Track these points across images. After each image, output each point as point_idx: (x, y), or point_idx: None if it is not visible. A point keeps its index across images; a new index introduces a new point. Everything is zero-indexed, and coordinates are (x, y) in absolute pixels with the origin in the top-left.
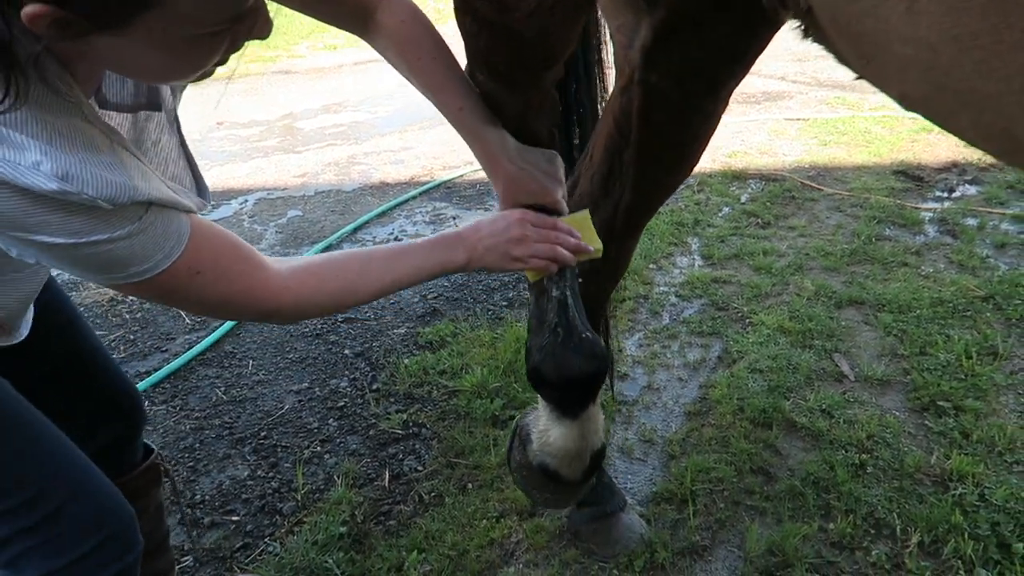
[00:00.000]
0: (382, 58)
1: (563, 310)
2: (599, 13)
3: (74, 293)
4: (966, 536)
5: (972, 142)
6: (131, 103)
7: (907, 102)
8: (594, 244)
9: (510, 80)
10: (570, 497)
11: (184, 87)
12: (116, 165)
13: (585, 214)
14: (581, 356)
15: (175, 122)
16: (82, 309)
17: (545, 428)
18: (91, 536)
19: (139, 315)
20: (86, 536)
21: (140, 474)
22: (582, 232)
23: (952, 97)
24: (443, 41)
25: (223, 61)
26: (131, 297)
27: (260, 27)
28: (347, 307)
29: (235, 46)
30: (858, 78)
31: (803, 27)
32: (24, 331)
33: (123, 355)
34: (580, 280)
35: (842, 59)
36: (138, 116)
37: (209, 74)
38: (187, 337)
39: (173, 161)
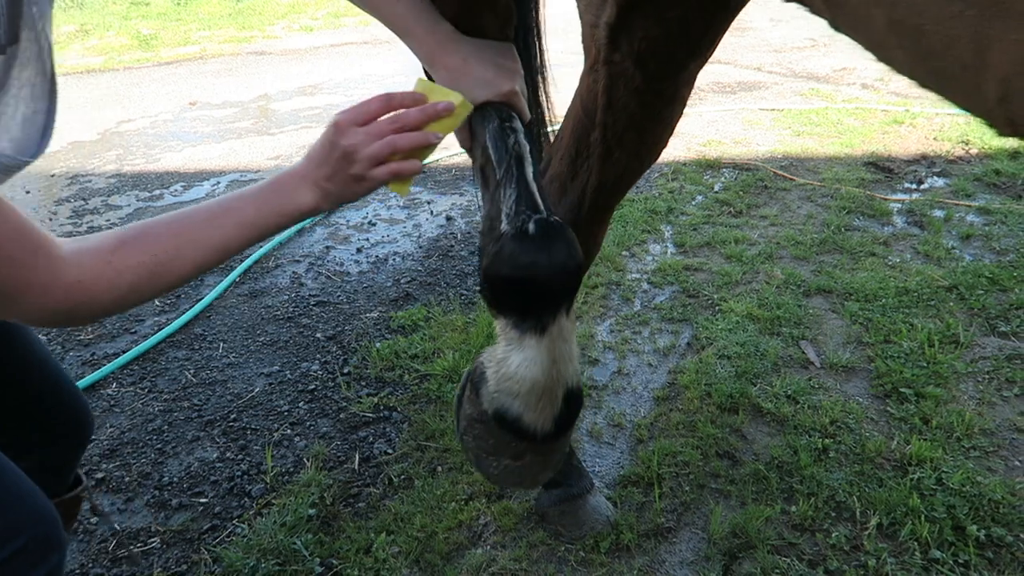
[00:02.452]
0: (358, 41)
1: (524, 195)
2: None
3: None
4: (923, 519)
5: (891, 53)
6: None
7: (831, 6)
8: (451, 98)
9: None
10: (536, 465)
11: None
12: None
13: (422, 79)
14: (548, 241)
15: (46, 45)
16: None
17: (504, 356)
18: (10, 542)
19: None
20: (4, 543)
21: (60, 504)
22: (430, 94)
23: None
24: None
25: None
26: None
27: None
28: (162, 291)
29: None
30: (788, 1)
31: None
32: None
33: (91, 336)
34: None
35: None
36: None
37: None
38: (156, 319)
39: (24, 100)
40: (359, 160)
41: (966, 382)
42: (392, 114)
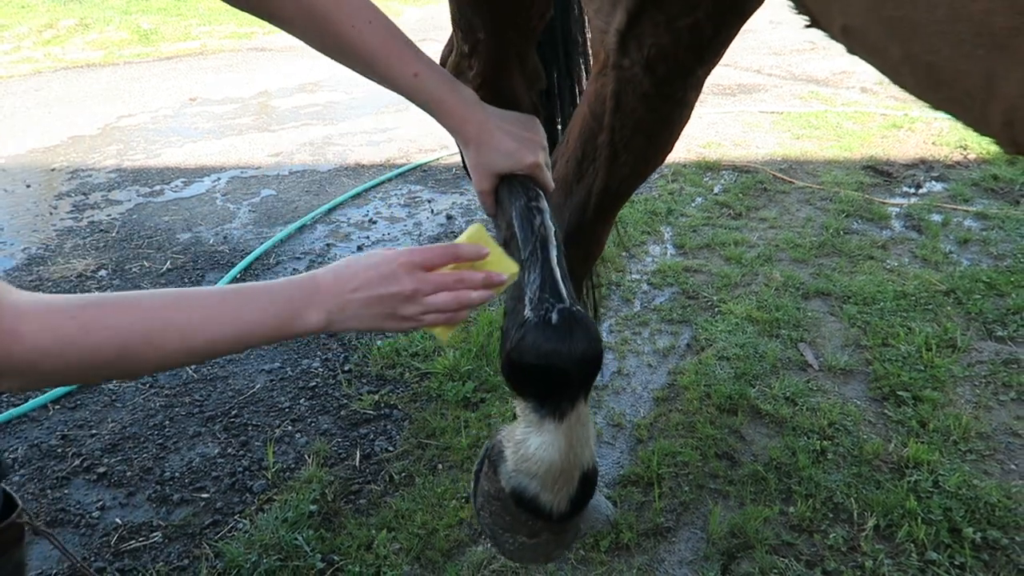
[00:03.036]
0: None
1: (549, 282)
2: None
3: (41, 267)
4: (919, 521)
5: (903, 81)
6: None
7: (847, 36)
8: (503, 265)
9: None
10: (551, 544)
11: None
12: None
13: (479, 227)
14: (569, 332)
15: None
16: (49, 284)
17: (523, 438)
18: None
19: (109, 291)
20: None
21: None
22: (487, 249)
23: (884, 27)
24: (372, 3)
25: None
26: (101, 271)
27: None
28: (124, 375)
29: None
30: (808, 26)
31: None
32: None
33: None
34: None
35: None
36: None
37: None
38: None
39: None
40: (418, 303)
41: (963, 386)
42: (458, 273)
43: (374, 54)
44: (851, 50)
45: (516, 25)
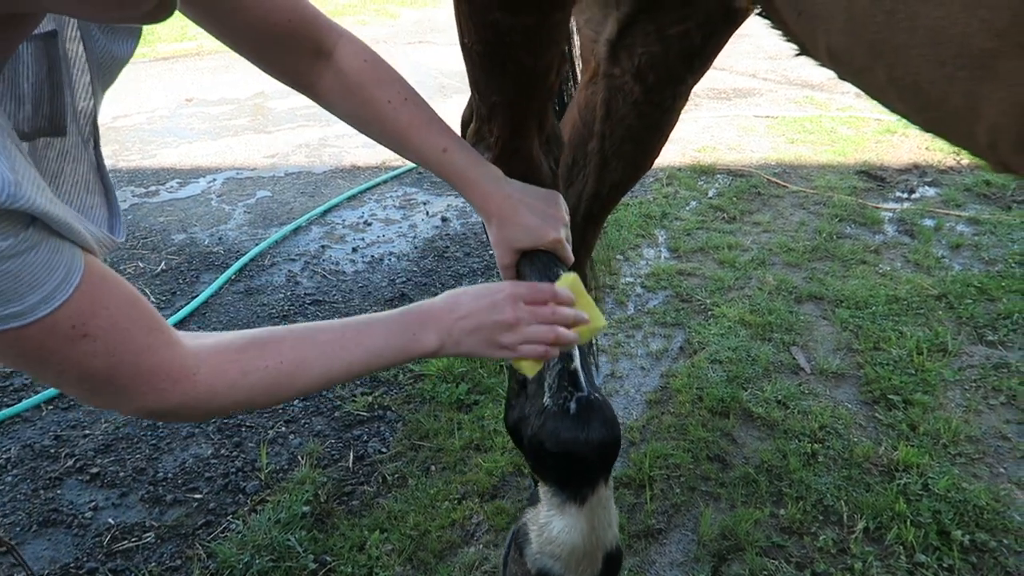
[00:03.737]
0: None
1: (567, 370)
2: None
3: None
4: (909, 523)
5: (892, 103)
6: (28, 129)
7: (833, 60)
8: (592, 314)
9: (497, 30)
10: None
11: (104, 92)
12: (3, 152)
13: (575, 277)
14: (587, 422)
15: (90, 139)
16: None
17: (546, 521)
18: None
19: None
20: None
21: None
22: (577, 298)
23: (868, 50)
24: (406, 81)
25: None
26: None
27: None
28: (280, 402)
29: None
30: (798, 54)
31: None
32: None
33: None
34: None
35: (780, 22)
36: (36, 144)
37: (170, 8)
38: None
39: (79, 195)
40: (517, 332)
41: (953, 390)
42: (553, 307)
43: (406, 130)
44: (841, 76)
45: (534, 89)
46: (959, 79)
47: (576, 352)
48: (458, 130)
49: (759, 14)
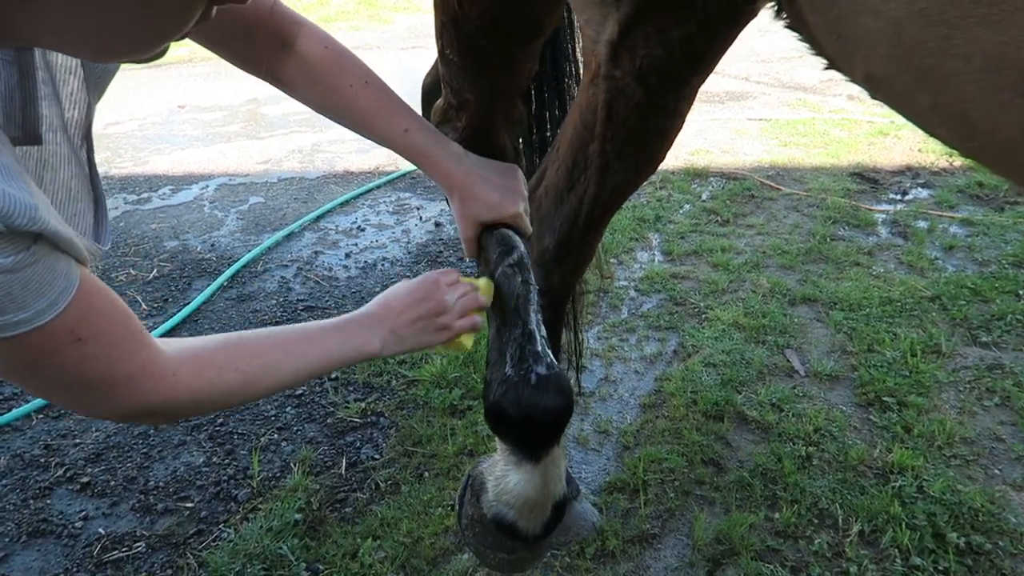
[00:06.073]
0: (347, 46)
1: (527, 340)
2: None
3: None
4: (904, 526)
5: (931, 129)
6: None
7: (871, 84)
8: (480, 285)
9: (481, 53)
10: (527, 558)
11: (98, 100)
12: (18, 178)
13: (489, 283)
14: (546, 391)
15: (83, 147)
16: None
17: (502, 474)
18: None
19: None
20: None
21: None
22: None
23: (914, 76)
24: (367, 66)
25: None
26: None
27: None
28: (248, 401)
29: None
30: (827, 67)
31: (777, 6)
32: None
33: None
34: (543, 300)
35: (812, 40)
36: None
37: (164, 52)
38: (144, 322)
39: (60, 203)
40: (450, 311)
41: (948, 391)
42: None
43: (368, 113)
44: (874, 96)
45: (505, 95)
46: (1017, 106)
47: (536, 322)
48: (420, 101)
49: (787, 27)
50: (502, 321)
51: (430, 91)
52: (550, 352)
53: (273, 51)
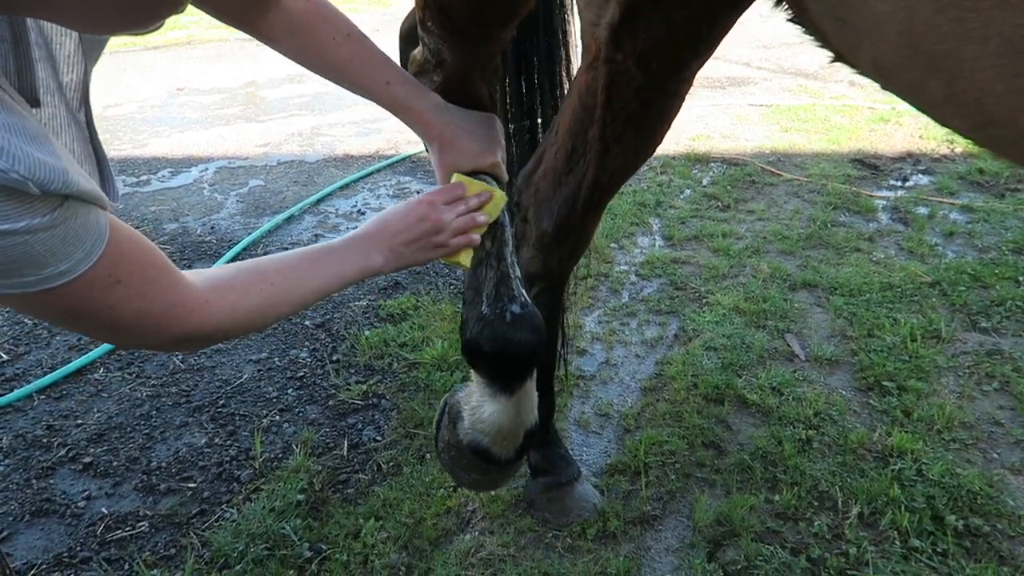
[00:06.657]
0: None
1: (502, 280)
2: None
3: None
4: (903, 509)
5: (944, 119)
6: None
7: (880, 73)
8: (493, 193)
9: (463, 33)
10: (499, 479)
11: (94, 63)
12: (45, 142)
13: (458, 175)
14: (521, 328)
15: (81, 109)
16: None
17: (478, 404)
18: None
19: None
20: None
21: None
22: (470, 187)
23: (925, 63)
24: (349, 19)
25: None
26: None
27: None
28: (270, 323)
29: None
30: (833, 60)
31: None
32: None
33: None
34: (518, 251)
35: (815, 29)
36: None
37: (161, 24)
38: None
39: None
40: (446, 229)
41: (947, 376)
42: (463, 200)
43: (349, 65)
44: (884, 86)
45: (482, 61)
46: None
47: (511, 263)
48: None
49: (790, 20)
50: (477, 261)
51: (408, 37)
52: (524, 292)
53: (256, 4)
